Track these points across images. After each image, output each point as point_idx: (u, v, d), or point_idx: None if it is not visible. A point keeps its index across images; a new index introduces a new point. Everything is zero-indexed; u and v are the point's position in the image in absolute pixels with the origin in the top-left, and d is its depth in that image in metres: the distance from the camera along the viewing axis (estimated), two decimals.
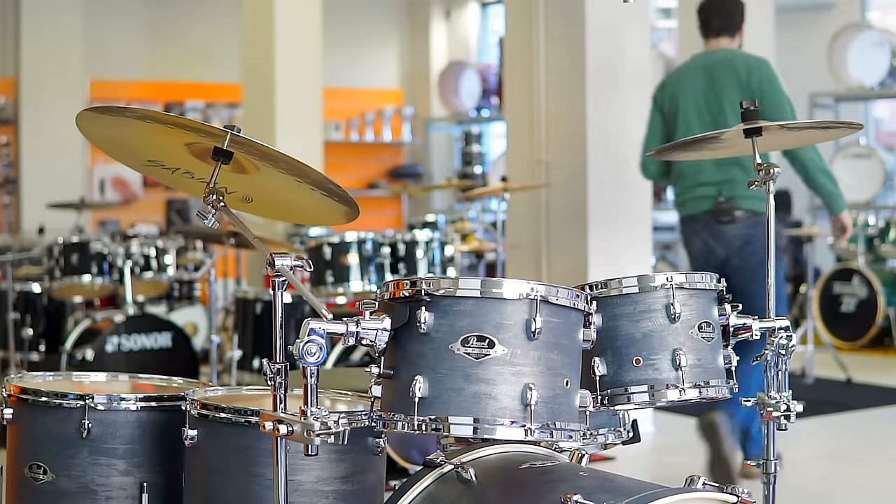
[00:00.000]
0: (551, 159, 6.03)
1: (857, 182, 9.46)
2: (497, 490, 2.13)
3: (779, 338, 2.52)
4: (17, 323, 6.12)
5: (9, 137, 10.52)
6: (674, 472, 5.00)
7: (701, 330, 2.34)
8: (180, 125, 2.16)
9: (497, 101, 11.65)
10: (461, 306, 2.04)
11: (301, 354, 1.92)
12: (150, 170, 2.41)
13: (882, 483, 4.95)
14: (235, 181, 2.30)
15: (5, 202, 10.41)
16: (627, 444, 2.67)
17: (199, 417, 2.37)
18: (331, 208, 2.36)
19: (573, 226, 5.88)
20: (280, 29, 7.98)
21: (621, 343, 2.31)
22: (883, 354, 8.55)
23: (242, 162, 2.24)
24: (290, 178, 2.26)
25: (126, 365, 5.62)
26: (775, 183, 2.70)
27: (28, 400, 2.57)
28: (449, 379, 2.03)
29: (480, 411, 2.02)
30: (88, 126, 2.27)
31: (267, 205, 2.51)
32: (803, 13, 10.97)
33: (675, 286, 2.32)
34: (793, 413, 2.56)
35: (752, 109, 2.74)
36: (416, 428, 2.02)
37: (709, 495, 1.98)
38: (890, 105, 11.13)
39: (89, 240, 6.18)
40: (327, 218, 2.44)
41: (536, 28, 6.05)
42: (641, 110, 5.76)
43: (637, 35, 5.96)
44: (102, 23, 10.80)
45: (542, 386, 2.05)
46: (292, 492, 2.25)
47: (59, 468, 2.51)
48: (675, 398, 2.30)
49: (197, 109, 11.24)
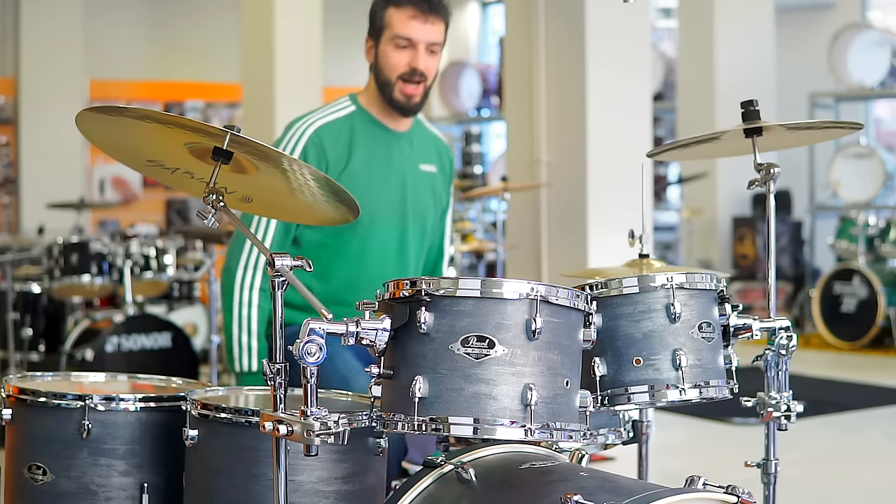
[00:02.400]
0: (551, 159, 6.03)
1: (858, 182, 9.46)
2: (497, 490, 2.13)
3: (779, 338, 2.52)
4: (17, 323, 6.12)
5: (8, 137, 10.52)
6: (674, 472, 5.00)
7: (701, 330, 2.34)
8: (180, 125, 2.15)
9: (497, 101, 11.65)
10: (461, 306, 2.04)
11: (301, 355, 1.92)
12: (150, 170, 2.40)
13: (882, 483, 4.94)
14: (235, 181, 2.29)
15: (5, 202, 10.41)
16: (627, 445, 2.67)
17: (200, 417, 2.37)
18: (331, 208, 2.35)
19: (573, 226, 5.88)
20: (280, 29, 7.99)
21: (621, 343, 2.30)
22: (883, 354, 8.55)
23: (242, 162, 2.23)
24: (290, 178, 2.26)
25: (126, 365, 5.61)
26: (775, 183, 2.69)
27: (27, 400, 2.57)
28: (449, 379, 2.02)
29: (480, 411, 2.01)
30: (88, 126, 2.27)
31: (267, 204, 2.51)
32: (803, 13, 10.98)
33: (675, 286, 2.32)
34: (793, 413, 2.56)
35: (752, 109, 2.72)
36: (417, 428, 2.02)
37: (709, 495, 1.98)
38: (890, 105, 11.14)
39: (89, 240, 6.18)
40: (327, 218, 2.43)
41: (536, 28, 6.05)
42: (641, 110, 5.76)
43: (637, 35, 5.96)
44: (102, 23, 10.80)
45: (543, 386, 2.04)
46: (293, 492, 2.24)
47: (59, 469, 2.51)
48: (676, 398, 2.30)
49: (197, 109, 11.24)
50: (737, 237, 9.99)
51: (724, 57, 10.04)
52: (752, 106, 2.72)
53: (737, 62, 9.96)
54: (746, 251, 9.87)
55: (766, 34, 10.28)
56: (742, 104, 2.74)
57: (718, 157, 3.74)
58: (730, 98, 9.87)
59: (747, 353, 2.54)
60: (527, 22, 6.11)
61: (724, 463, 5.12)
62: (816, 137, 3.05)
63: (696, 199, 10.07)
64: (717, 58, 10.04)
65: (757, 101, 2.74)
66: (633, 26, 5.94)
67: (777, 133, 2.77)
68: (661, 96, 10.77)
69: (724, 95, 9.90)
